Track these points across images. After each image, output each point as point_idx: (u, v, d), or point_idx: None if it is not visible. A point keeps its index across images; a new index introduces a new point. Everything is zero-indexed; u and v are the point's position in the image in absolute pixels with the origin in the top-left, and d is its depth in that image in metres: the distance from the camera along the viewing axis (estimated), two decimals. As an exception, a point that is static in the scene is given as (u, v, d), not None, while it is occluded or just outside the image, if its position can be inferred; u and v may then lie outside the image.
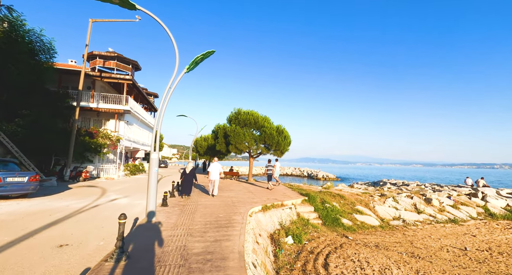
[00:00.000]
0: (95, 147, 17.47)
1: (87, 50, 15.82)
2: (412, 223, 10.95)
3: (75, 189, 12.14)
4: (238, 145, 16.70)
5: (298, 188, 14.80)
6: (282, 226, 8.23)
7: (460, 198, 15.13)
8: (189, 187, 9.60)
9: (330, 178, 50.87)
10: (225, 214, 6.72)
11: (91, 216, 6.65)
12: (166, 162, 43.34)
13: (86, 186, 13.66)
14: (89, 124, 19.57)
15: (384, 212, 11.66)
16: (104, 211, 7.35)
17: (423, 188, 17.83)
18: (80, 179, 15.15)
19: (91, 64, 20.89)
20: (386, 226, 10.25)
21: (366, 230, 9.58)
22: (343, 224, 9.54)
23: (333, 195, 12.62)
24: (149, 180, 5.77)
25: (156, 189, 5.89)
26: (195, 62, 6.40)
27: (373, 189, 17.07)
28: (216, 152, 23.73)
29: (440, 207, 13.49)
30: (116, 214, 7.02)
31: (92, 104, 18.87)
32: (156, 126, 6.02)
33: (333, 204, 11.26)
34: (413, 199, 13.83)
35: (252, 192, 12.04)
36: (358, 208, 11.56)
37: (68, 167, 15.02)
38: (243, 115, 17.05)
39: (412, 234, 9.48)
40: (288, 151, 17.59)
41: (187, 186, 9.57)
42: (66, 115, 17.31)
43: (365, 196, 13.43)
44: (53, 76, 17.23)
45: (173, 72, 6.28)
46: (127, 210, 7.72)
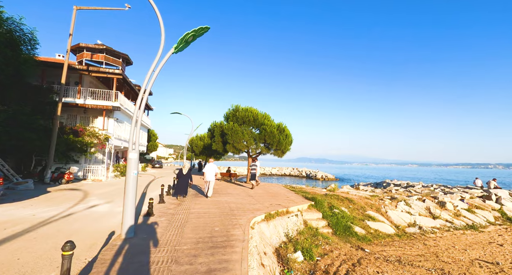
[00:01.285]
0: (80, 146, 16.09)
1: (70, 40, 14.46)
2: (430, 230, 9.88)
3: (53, 193, 10.82)
4: (236, 144, 15.50)
5: (301, 190, 13.67)
6: (289, 237, 7.07)
7: (474, 201, 14.14)
8: (185, 187, 9.33)
9: (329, 178, 49.91)
10: (222, 227, 5.52)
11: (55, 230, 5.39)
12: (161, 162, 41.90)
13: (68, 189, 12.33)
14: (76, 122, 18.16)
15: (397, 218, 10.57)
16: (74, 223, 6.09)
17: (432, 190, 16.82)
18: (62, 181, 13.78)
19: (78, 58, 19.45)
20: (403, 234, 9.15)
21: (382, 239, 8.46)
22: (356, 233, 8.40)
23: (341, 199, 11.50)
24: (126, 188, 4.56)
25: (135, 198, 4.67)
26: (185, 40, 5.19)
27: (381, 191, 16.01)
28: (213, 152, 22.49)
29: (454, 211, 12.48)
30: (88, 226, 5.78)
31: (78, 100, 17.47)
32: (137, 115, 4.81)
33: (342, 209, 10.13)
34: (425, 202, 12.79)
35: (252, 196, 10.86)
36: (369, 213, 10.45)
37: (48, 168, 13.65)
38: (242, 112, 15.85)
39: (433, 244, 8.39)
40: (289, 151, 16.45)
41: (183, 186, 9.29)
42: (49, 111, 15.91)
43: (375, 199, 12.34)
44: (35, 70, 15.84)
45: (158, 51, 5.07)
46: (105, 220, 6.47)
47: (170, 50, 5.20)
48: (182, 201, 9.05)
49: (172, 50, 5.20)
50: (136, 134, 4.88)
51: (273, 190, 13.22)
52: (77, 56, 19.76)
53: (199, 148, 28.88)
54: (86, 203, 8.84)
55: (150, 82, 5.02)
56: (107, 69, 17.83)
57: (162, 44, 5.08)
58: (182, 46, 5.30)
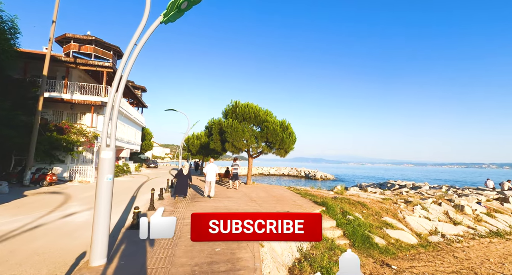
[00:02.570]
0: (66, 144, 14.76)
1: (54, 27, 13.12)
2: (454, 239, 8.83)
3: (29, 198, 9.54)
4: (236, 142, 14.32)
5: (307, 193, 12.55)
6: (303, 253, 5.93)
7: (492, 204, 13.18)
8: (184, 188, 9.17)
9: (328, 178, 49.02)
10: (224, 245, 4.36)
11: (7, 251, 4.16)
12: (156, 162, 40.50)
13: (49, 192, 11.04)
14: (62, 119, 16.81)
15: (417, 225, 9.51)
16: (38, 239, 4.87)
17: (445, 192, 15.87)
18: (44, 183, 12.46)
19: (64, 49, 18.05)
20: (427, 245, 8.08)
21: (406, 252, 7.37)
22: (377, 245, 7.30)
23: (353, 203, 10.41)
24: (97, 199, 3.40)
25: (110, 212, 3.49)
26: (177, 6, 4.00)
27: (391, 194, 14.99)
28: (210, 151, 21.27)
29: (474, 215, 11.48)
30: (55, 244, 4.57)
31: (65, 95, 16.14)
32: (113, 100, 3.63)
33: (355, 215, 9.04)
34: (441, 206, 11.78)
35: (255, 200, 9.71)
36: (386, 219, 9.37)
37: (28, 169, 12.33)
38: (242, 108, 14.67)
39: (465, 257, 7.34)
40: (293, 150, 15.34)
41: (183, 187, 9.13)
42: (31, 107, 14.55)
43: (389, 203, 11.28)
44: (17, 62, 14.49)
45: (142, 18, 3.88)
46: (79, 234, 5.26)
47: (157, 18, 4.01)
48: (176, 208, 7.88)
49: (160, 18, 4.02)
50: (112, 126, 3.69)
51: (276, 193, 12.09)
52: (63, 48, 18.36)
53: (196, 147, 27.60)
54: (63, 210, 7.60)
55: (131, 59, 3.83)
56: (96, 62, 16.52)
57: (147, 7, 3.89)
58: (174, 15, 4.11)
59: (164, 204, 8.56)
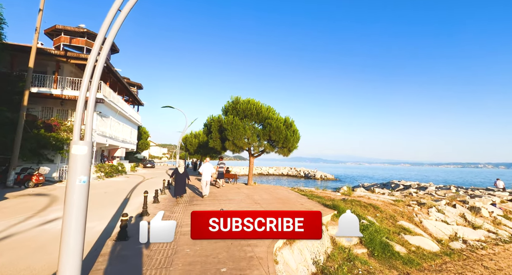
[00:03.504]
0: (55, 142, 13.81)
1: (41, 16, 12.17)
2: (477, 245, 8.09)
3: (10, 201, 8.63)
4: (236, 140, 13.49)
5: (313, 194, 11.77)
6: (319, 266, 5.13)
7: (508, 206, 12.52)
8: (182, 187, 9.15)
9: (328, 178, 48.34)
10: (231, 264, 3.52)
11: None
12: (153, 162, 39.41)
13: (33, 194, 10.13)
14: (52, 115, 15.86)
15: (435, 229, 8.76)
16: (3, 253, 4.00)
17: (456, 193, 15.19)
18: (29, 184, 11.53)
19: (55, 42, 17.06)
20: (451, 252, 7.32)
21: (430, 261, 6.60)
22: (398, 254, 6.53)
23: (364, 206, 9.64)
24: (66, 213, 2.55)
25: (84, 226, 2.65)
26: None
27: (401, 195, 14.26)
28: (209, 150, 20.43)
29: (491, 218, 10.79)
30: (20, 262, 3.72)
31: (55, 91, 15.19)
32: (88, 78, 2.80)
33: (369, 219, 8.27)
34: (456, 208, 11.06)
35: (259, 203, 8.90)
36: (402, 224, 8.60)
37: (11, 168, 11.38)
38: (243, 105, 13.84)
39: (495, 267, 6.59)
40: (296, 149, 14.54)
41: (181, 186, 9.09)
42: (18, 102, 13.58)
43: (402, 205, 10.53)
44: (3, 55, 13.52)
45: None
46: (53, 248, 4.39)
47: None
48: (172, 212, 7.04)
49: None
50: (89, 114, 2.84)
51: (281, 194, 11.29)
52: (54, 40, 17.38)
53: (194, 146, 26.72)
54: (45, 216, 6.71)
55: (114, 26, 2.99)
56: (88, 56, 15.58)
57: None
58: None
59: (159, 207, 7.73)
